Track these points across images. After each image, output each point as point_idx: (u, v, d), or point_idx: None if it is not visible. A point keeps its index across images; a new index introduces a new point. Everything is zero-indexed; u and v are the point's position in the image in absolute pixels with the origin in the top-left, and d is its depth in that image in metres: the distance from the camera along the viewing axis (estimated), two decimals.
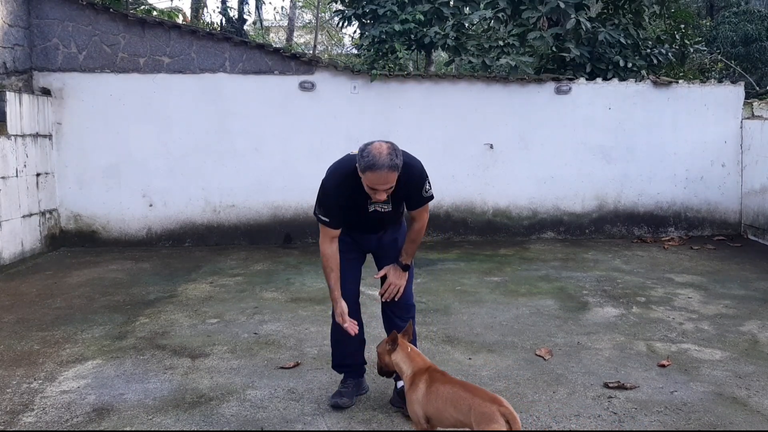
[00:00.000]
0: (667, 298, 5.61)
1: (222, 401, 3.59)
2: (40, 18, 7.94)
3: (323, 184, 3.27)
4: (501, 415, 2.54)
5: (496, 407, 2.57)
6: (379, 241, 3.50)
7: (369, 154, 2.99)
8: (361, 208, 3.28)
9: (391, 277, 3.45)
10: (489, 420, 2.54)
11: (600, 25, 9.19)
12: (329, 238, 3.32)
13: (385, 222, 3.44)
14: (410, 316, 3.53)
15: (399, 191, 3.19)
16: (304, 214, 8.29)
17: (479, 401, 2.63)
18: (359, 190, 3.14)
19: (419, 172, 3.25)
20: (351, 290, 3.51)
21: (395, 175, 3.03)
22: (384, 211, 3.33)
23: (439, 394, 2.80)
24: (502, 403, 2.60)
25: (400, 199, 3.34)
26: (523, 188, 8.57)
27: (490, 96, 8.47)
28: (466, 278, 6.35)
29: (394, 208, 3.34)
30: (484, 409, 2.58)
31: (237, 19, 14.61)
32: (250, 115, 8.22)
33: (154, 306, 5.48)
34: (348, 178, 3.16)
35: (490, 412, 2.55)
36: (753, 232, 8.40)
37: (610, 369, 4.02)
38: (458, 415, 2.69)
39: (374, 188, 3.05)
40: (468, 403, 2.66)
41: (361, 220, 3.37)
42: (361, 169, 3.02)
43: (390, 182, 3.03)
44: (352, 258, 3.50)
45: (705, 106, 8.60)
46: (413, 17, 9.00)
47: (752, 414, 3.40)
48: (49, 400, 3.62)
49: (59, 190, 8.07)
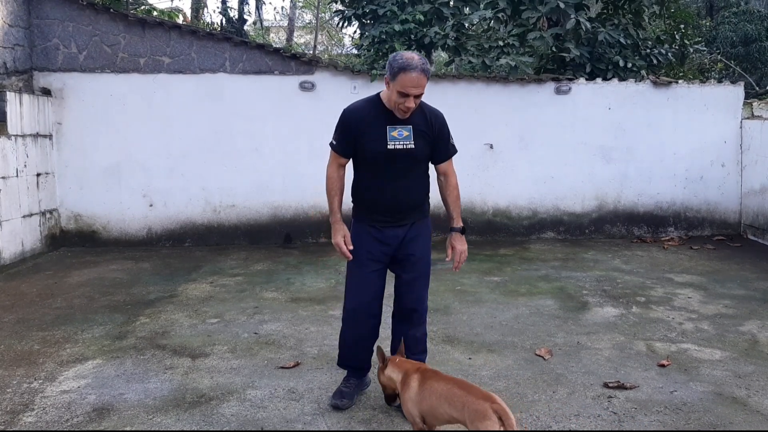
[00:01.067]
0: (667, 298, 5.62)
1: (222, 401, 3.59)
2: (40, 18, 7.94)
3: (344, 110, 3.38)
4: (494, 412, 2.56)
5: (489, 404, 2.59)
6: (404, 236, 3.39)
7: (402, 58, 3.15)
8: (380, 140, 3.25)
9: (457, 245, 3.45)
10: (482, 417, 2.57)
11: (600, 25, 9.19)
12: (337, 164, 3.41)
13: (408, 172, 3.32)
14: (422, 321, 3.53)
15: (424, 129, 3.29)
16: (304, 214, 8.30)
17: (473, 399, 2.65)
18: (380, 116, 3.25)
19: (444, 118, 3.40)
20: (371, 305, 3.44)
21: (425, 80, 3.14)
22: (405, 148, 3.26)
23: (433, 391, 2.82)
24: (495, 400, 2.62)
25: (424, 140, 3.31)
26: (523, 188, 8.57)
27: (490, 96, 8.48)
28: (466, 278, 6.36)
29: (416, 146, 3.29)
30: (477, 407, 2.61)
31: (237, 19, 14.63)
32: (251, 115, 8.22)
33: (155, 306, 5.49)
34: (370, 102, 3.32)
35: (483, 410, 2.58)
36: (753, 232, 8.41)
37: (610, 369, 4.02)
38: (452, 411, 2.71)
39: (405, 92, 3.13)
40: (462, 400, 2.69)
41: (381, 162, 3.27)
42: (394, 72, 3.13)
43: (421, 86, 3.13)
44: (374, 270, 3.41)
45: (705, 106, 8.60)
46: (413, 17, 9.01)
47: (752, 414, 3.40)
48: (50, 400, 3.63)
49: (59, 190, 8.07)
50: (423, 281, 3.51)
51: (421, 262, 3.46)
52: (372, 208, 3.39)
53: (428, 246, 3.52)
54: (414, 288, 3.48)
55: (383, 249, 3.40)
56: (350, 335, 3.50)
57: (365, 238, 3.40)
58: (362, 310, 3.43)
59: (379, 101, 3.32)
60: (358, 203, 3.45)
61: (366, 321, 3.45)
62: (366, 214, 3.42)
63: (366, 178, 3.39)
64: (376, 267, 3.41)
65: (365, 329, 3.47)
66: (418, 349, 3.53)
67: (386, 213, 3.37)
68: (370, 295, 3.43)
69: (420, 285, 3.50)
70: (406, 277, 3.47)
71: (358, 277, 3.43)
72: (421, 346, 3.58)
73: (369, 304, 3.43)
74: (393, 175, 3.32)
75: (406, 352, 3.35)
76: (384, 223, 3.37)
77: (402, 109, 3.21)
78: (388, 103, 3.30)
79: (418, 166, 3.38)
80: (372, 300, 3.44)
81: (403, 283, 3.48)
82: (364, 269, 3.40)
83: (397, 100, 3.18)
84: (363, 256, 3.39)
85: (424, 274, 3.50)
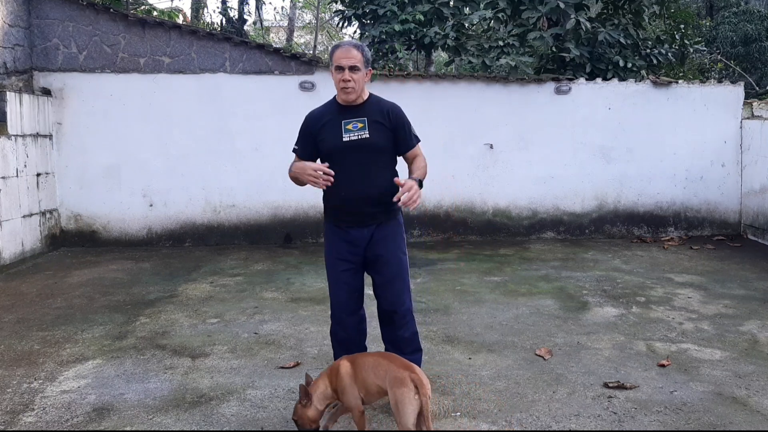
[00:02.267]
0: (667, 298, 5.61)
1: (222, 401, 3.59)
2: (40, 18, 7.94)
3: (306, 115, 3.54)
4: (411, 381, 2.81)
5: (408, 373, 2.84)
6: (370, 237, 3.39)
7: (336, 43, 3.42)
8: (336, 134, 3.35)
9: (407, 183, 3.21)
10: (400, 384, 2.83)
11: (600, 25, 9.19)
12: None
13: (368, 165, 3.32)
14: (406, 322, 3.51)
15: (380, 119, 3.36)
16: (304, 214, 8.29)
17: (394, 367, 2.91)
18: (336, 114, 3.39)
19: (401, 110, 3.49)
20: (348, 303, 3.46)
21: (358, 53, 3.31)
22: (360, 138, 3.33)
23: (364, 365, 3.02)
24: (414, 370, 2.88)
25: (381, 130, 3.36)
26: (523, 188, 8.57)
27: (490, 96, 8.48)
28: (466, 278, 6.35)
29: (372, 136, 3.34)
30: (397, 374, 2.87)
31: (237, 19, 14.62)
32: (250, 115, 8.22)
33: (155, 306, 5.49)
34: (327, 104, 3.50)
35: (402, 377, 2.84)
36: (753, 232, 8.41)
37: (610, 369, 4.02)
38: (377, 380, 2.95)
39: (339, 64, 3.29)
40: (385, 369, 2.94)
41: (339, 156, 3.32)
42: (330, 54, 3.40)
43: (351, 56, 3.29)
44: (345, 269, 3.43)
45: (705, 106, 8.60)
46: (413, 17, 9.01)
47: (752, 414, 3.40)
48: (50, 400, 3.63)
49: (59, 190, 8.07)
50: (399, 282, 3.47)
51: (392, 262, 3.44)
52: (337, 207, 3.44)
53: (399, 246, 3.48)
54: (389, 289, 3.47)
55: (350, 249, 3.43)
56: (339, 337, 3.55)
57: (333, 239, 3.46)
58: (340, 309, 3.48)
59: (334, 101, 3.47)
60: (325, 204, 3.52)
61: (346, 319, 3.48)
62: (332, 214, 3.48)
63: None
64: (347, 266, 3.44)
65: (349, 328, 3.50)
66: (409, 348, 3.53)
67: (349, 213, 3.40)
68: (345, 294, 3.46)
69: (396, 286, 3.47)
70: (379, 279, 3.48)
71: (332, 277, 3.49)
72: (413, 345, 3.57)
73: (345, 302, 3.46)
74: (353, 170, 3.33)
75: (398, 353, 3.36)
76: (348, 224, 3.41)
77: (343, 88, 3.32)
78: (339, 98, 3.42)
79: (377, 158, 3.38)
80: (347, 298, 3.46)
81: (378, 285, 3.50)
82: (337, 268, 3.45)
83: (336, 78, 3.32)
84: (333, 256, 3.46)
85: (398, 275, 3.46)
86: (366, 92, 3.45)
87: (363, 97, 3.42)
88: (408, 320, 3.54)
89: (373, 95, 3.50)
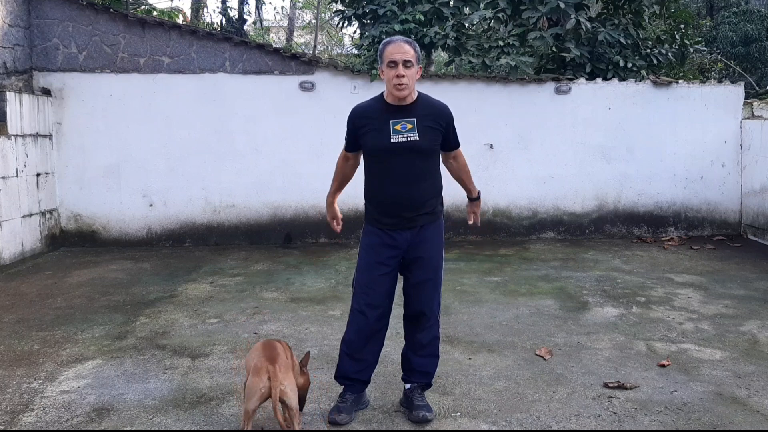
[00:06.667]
0: (667, 298, 5.61)
1: (222, 401, 3.59)
2: (40, 18, 7.94)
3: (352, 108, 3.48)
4: (266, 371, 2.96)
5: (267, 365, 2.99)
6: (412, 239, 3.33)
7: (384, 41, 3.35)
8: (383, 134, 3.27)
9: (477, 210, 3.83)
10: (255, 372, 3.00)
11: (600, 25, 9.19)
12: (344, 155, 3.57)
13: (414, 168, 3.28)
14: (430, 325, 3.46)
15: (431, 122, 3.33)
16: (304, 214, 8.29)
17: (260, 357, 3.06)
18: (384, 112, 3.30)
19: (450, 112, 3.47)
20: (381, 305, 3.36)
21: (410, 48, 3.24)
22: (409, 141, 3.26)
23: (256, 349, 3.19)
24: (274, 363, 3.01)
25: (431, 133, 3.32)
26: (523, 188, 8.57)
27: (490, 96, 8.47)
28: (466, 278, 6.35)
29: (421, 138, 3.28)
30: (257, 363, 3.03)
31: (237, 19, 14.63)
32: (250, 115, 8.21)
33: (154, 306, 5.48)
34: (374, 100, 3.41)
35: (259, 366, 3.00)
36: (753, 232, 8.41)
37: (610, 369, 4.02)
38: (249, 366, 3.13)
39: (393, 59, 3.20)
40: (254, 355, 3.13)
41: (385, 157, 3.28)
42: (380, 53, 3.30)
43: (405, 51, 3.22)
44: (383, 273, 3.34)
45: (705, 106, 8.60)
46: (413, 17, 9.00)
47: (752, 414, 3.40)
48: (49, 400, 3.63)
49: (59, 190, 8.07)
50: (432, 284, 3.43)
51: (430, 264, 3.39)
52: (379, 209, 3.36)
53: (439, 249, 3.44)
54: (422, 291, 3.41)
55: (392, 253, 3.34)
56: (356, 338, 3.38)
57: (374, 241, 3.36)
58: (370, 311, 3.34)
59: (382, 98, 3.36)
60: (367, 205, 3.43)
61: (374, 323, 3.36)
62: (374, 216, 3.38)
63: (373, 177, 3.37)
64: (386, 270, 3.35)
65: (372, 331, 3.37)
66: (423, 352, 3.45)
67: (393, 214, 3.32)
68: (381, 296, 3.35)
69: (429, 288, 3.41)
70: (414, 280, 3.40)
71: (367, 279, 3.36)
72: (428, 350, 3.47)
73: (378, 305, 3.35)
74: (399, 172, 3.28)
75: (412, 354, 3.40)
76: (392, 227, 3.33)
77: (397, 85, 3.22)
78: (388, 97, 3.32)
79: (425, 161, 3.33)
80: (381, 301, 3.36)
81: (411, 285, 3.42)
82: (374, 272, 3.34)
83: (389, 75, 3.23)
84: (372, 258, 3.35)
85: (433, 278, 3.42)
86: (415, 91, 3.36)
87: (413, 96, 3.33)
88: (432, 323, 3.47)
89: (422, 94, 3.40)
